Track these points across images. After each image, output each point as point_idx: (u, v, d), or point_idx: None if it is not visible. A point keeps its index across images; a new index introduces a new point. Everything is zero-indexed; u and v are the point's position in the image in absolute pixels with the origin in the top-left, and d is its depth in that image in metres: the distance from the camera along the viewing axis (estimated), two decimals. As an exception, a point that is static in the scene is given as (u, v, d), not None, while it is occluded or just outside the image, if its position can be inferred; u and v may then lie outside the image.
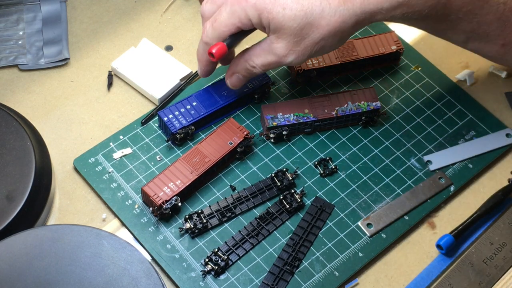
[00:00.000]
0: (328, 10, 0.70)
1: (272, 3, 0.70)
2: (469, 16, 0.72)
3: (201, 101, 0.80)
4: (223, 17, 0.73)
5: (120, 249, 0.67)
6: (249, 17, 0.72)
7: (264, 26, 0.72)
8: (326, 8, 0.70)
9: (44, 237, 0.67)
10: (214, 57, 0.73)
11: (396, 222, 0.76)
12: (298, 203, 0.75)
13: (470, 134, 0.82)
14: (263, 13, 0.71)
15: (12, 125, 0.73)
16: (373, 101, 0.81)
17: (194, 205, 0.76)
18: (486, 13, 0.72)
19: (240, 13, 0.72)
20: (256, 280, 0.72)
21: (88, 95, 0.83)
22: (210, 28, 0.74)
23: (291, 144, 0.80)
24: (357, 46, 0.85)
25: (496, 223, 0.76)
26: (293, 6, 0.70)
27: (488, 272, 0.73)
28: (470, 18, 0.72)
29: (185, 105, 0.79)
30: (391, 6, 0.69)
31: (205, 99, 0.80)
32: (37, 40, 0.86)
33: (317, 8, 0.70)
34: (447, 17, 0.72)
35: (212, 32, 0.74)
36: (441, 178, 0.79)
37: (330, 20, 0.70)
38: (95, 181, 0.76)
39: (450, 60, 0.87)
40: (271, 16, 0.70)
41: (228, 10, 0.72)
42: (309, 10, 0.70)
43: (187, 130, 0.78)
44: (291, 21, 0.70)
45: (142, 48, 0.85)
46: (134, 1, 0.91)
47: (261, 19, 0.71)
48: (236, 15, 0.72)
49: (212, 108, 0.80)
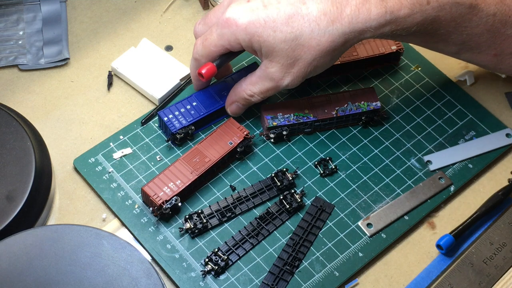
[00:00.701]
0: (317, 31, 0.71)
1: (262, 26, 0.71)
2: (459, 29, 0.73)
3: (201, 101, 0.80)
4: (213, 38, 0.74)
5: (120, 249, 0.67)
6: (239, 41, 0.73)
7: (255, 50, 0.73)
8: (315, 29, 0.71)
9: (44, 237, 0.67)
10: (203, 77, 0.75)
11: (396, 222, 0.76)
12: (298, 203, 0.75)
13: (470, 134, 0.82)
14: (254, 37, 0.72)
15: (12, 125, 0.73)
16: (373, 101, 0.81)
17: (194, 205, 0.76)
18: (475, 25, 0.73)
19: (230, 36, 0.73)
20: (256, 280, 0.72)
21: (88, 95, 0.83)
22: (200, 46, 0.75)
23: (291, 144, 0.80)
24: (357, 46, 0.85)
25: (496, 223, 0.76)
26: (283, 29, 0.71)
27: (488, 272, 0.73)
28: (460, 31, 0.73)
29: (185, 105, 0.79)
30: (379, 24, 0.70)
31: (205, 99, 0.80)
32: (37, 40, 0.86)
33: (306, 29, 0.71)
34: (436, 31, 0.73)
35: (202, 50, 0.75)
36: (441, 178, 0.79)
37: (320, 41, 0.71)
38: (95, 181, 0.76)
39: (450, 60, 0.87)
40: (262, 40, 0.72)
41: (219, 32, 0.74)
42: (298, 32, 0.71)
43: (187, 130, 0.78)
44: (282, 43, 0.71)
45: (142, 48, 0.85)
46: (134, 1, 0.91)
47: (252, 43, 0.72)
48: (226, 38, 0.73)
49: (212, 108, 0.80)
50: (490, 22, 0.73)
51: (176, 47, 0.87)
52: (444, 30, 0.73)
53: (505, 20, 0.73)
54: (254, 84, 0.76)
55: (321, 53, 0.72)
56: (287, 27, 0.71)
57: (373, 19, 0.70)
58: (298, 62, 0.73)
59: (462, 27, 0.73)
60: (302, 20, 0.71)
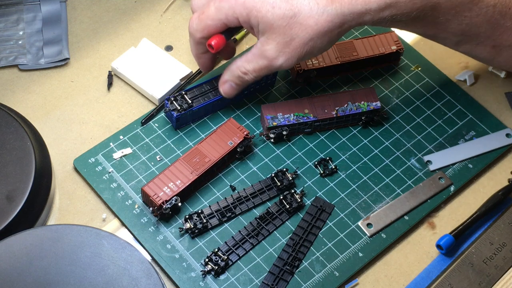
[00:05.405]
0: (316, 10, 0.70)
1: (261, 2, 0.71)
2: (459, 18, 0.73)
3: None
4: (211, 11, 0.74)
5: (120, 249, 0.67)
6: (236, 16, 0.72)
7: (252, 26, 0.73)
8: (314, 7, 0.70)
9: (44, 237, 0.67)
10: (213, 48, 0.75)
11: (396, 222, 0.76)
12: (298, 203, 0.75)
13: (470, 134, 0.82)
14: (252, 11, 0.71)
15: (12, 125, 0.73)
16: (373, 101, 0.81)
17: (194, 205, 0.76)
18: (475, 15, 0.72)
19: (228, 10, 0.72)
20: (256, 280, 0.72)
21: (88, 95, 0.83)
22: (196, 19, 0.75)
23: (291, 144, 0.80)
24: (357, 46, 0.85)
25: (496, 223, 0.76)
26: (282, 5, 0.71)
27: (488, 272, 0.73)
28: (459, 20, 0.73)
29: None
30: (379, 7, 0.70)
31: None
32: (37, 40, 0.86)
33: (305, 7, 0.70)
34: (436, 19, 0.72)
35: (198, 23, 0.75)
36: (441, 178, 0.79)
37: (319, 20, 0.70)
38: (95, 181, 0.76)
39: (450, 60, 0.87)
40: (260, 15, 0.71)
41: (217, 5, 0.73)
42: (297, 9, 0.70)
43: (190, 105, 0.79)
44: (280, 20, 0.71)
45: (142, 48, 0.85)
46: (134, 1, 0.91)
47: (250, 18, 0.72)
48: (223, 12, 0.73)
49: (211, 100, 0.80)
50: (490, 13, 0.73)
51: (176, 47, 0.87)
52: (443, 18, 0.72)
53: (505, 12, 0.73)
54: (248, 62, 0.75)
55: (318, 33, 0.71)
56: (286, 3, 0.71)
57: (374, 1, 0.70)
58: (295, 41, 0.72)
59: (462, 16, 0.72)
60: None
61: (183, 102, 0.78)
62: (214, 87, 0.80)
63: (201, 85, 0.80)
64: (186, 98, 0.78)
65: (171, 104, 0.78)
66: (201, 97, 0.80)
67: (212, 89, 0.80)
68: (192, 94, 0.79)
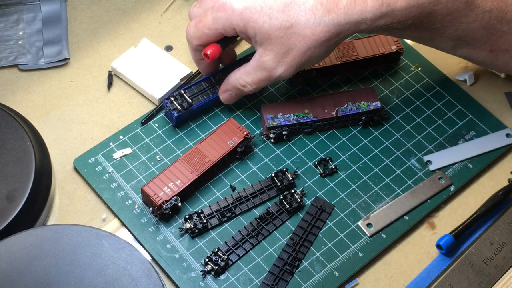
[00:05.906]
0: (313, 20, 0.70)
1: (258, 13, 0.71)
2: (455, 24, 0.73)
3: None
4: (208, 20, 0.74)
5: (120, 249, 0.67)
6: (233, 26, 0.73)
7: (249, 37, 0.73)
8: (311, 18, 0.71)
9: (44, 237, 0.67)
10: (209, 57, 0.75)
11: (396, 222, 0.76)
12: (298, 203, 0.75)
13: (470, 134, 0.82)
14: (249, 23, 0.72)
15: (12, 125, 0.73)
16: (373, 101, 0.81)
17: (194, 205, 0.76)
18: (471, 21, 0.73)
19: (224, 21, 0.73)
20: (256, 280, 0.72)
21: (88, 95, 0.83)
22: (193, 27, 0.75)
23: (291, 144, 0.80)
24: (357, 46, 0.85)
25: (496, 223, 0.76)
26: (279, 16, 0.71)
27: (488, 272, 0.73)
28: (456, 26, 0.73)
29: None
30: (375, 16, 0.70)
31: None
32: (37, 40, 0.86)
33: (302, 18, 0.71)
34: (432, 25, 0.73)
35: (195, 32, 0.75)
36: (441, 178, 0.79)
37: (315, 30, 0.71)
38: (95, 181, 0.76)
39: (450, 60, 0.87)
40: (257, 26, 0.71)
41: (214, 15, 0.74)
42: (294, 20, 0.71)
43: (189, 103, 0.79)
44: (277, 31, 0.71)
45: (142, 48, 0.85)
46: (134, 1, 0.91)
47: (247, 29, 0.72)
48: (220, 22, 0.73)
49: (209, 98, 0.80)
50: (486, 19, 0.73)
51: (176, 47, 0.87)
52: (439, 24, 0.73)
53: (501, 17, 0.73)
54: (247, 74, 0.76)
55: (315, 43, 0.72)
56: (283, 14, 0.71)
57: (369, 11, 0.70)
58: (292, 51, 0.72)
59: (458, 22, 0.73)
60: (299, 8, 0.71)
61: (183, 101, 0.78)
62: (212, 84, 0.80)
63: (199, 83, 0.80)
64: (185, 97, 0.79)
65: (171, 104, 0.78)
66: (200, 95, 0.80)
67: (211, 86, 0.80)
68: (191, 92, 0.79)
